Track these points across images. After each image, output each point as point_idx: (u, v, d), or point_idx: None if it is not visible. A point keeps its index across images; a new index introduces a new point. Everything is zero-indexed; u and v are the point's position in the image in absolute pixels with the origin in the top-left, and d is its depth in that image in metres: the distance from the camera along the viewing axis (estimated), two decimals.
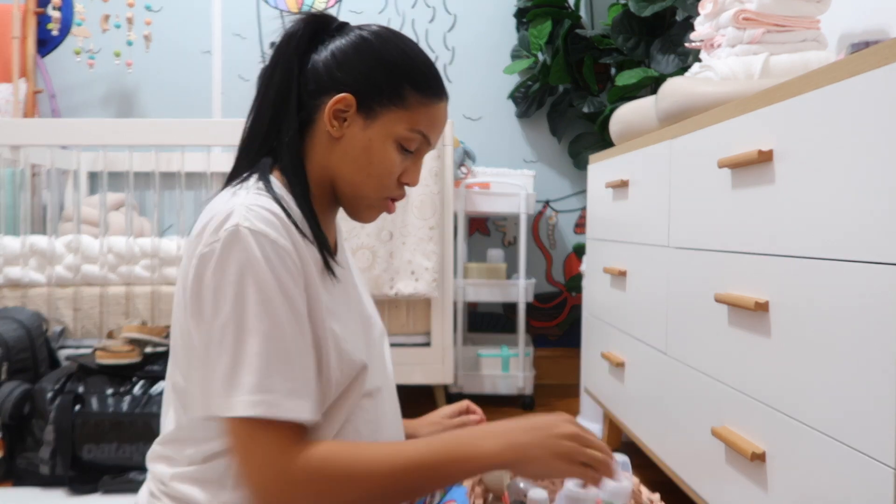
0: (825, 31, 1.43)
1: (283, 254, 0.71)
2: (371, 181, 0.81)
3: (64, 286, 2.02)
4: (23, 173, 2.30)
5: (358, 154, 0.80)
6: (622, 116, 1.80)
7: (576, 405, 2.43)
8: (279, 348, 0.69)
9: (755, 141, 1.03)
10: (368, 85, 0.80)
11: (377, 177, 0.81)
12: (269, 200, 0.75)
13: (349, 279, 0.89)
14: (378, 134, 0.80)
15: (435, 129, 0.84)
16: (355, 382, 0.80)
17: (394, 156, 0.81)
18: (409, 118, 0.80)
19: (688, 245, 1.29)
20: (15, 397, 1.61)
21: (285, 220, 0.74)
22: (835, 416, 0.84)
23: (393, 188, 0.83)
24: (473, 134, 2.82)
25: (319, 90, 0.80)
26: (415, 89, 0.80)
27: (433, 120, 0.83)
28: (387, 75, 0.80)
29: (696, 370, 1.25)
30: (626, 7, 2.40)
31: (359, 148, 0.80)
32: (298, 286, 0.72)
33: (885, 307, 0.75)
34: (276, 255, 0.71)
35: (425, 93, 0.81)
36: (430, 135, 0.83)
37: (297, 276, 0.73)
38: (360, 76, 0.80)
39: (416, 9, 2.84)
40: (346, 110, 0.80)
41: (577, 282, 2.82)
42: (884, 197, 0.75)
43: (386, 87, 0.80)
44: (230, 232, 0.70)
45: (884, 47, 0.76)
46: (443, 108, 0.85)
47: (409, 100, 0.80)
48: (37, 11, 2.74)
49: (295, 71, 0.80)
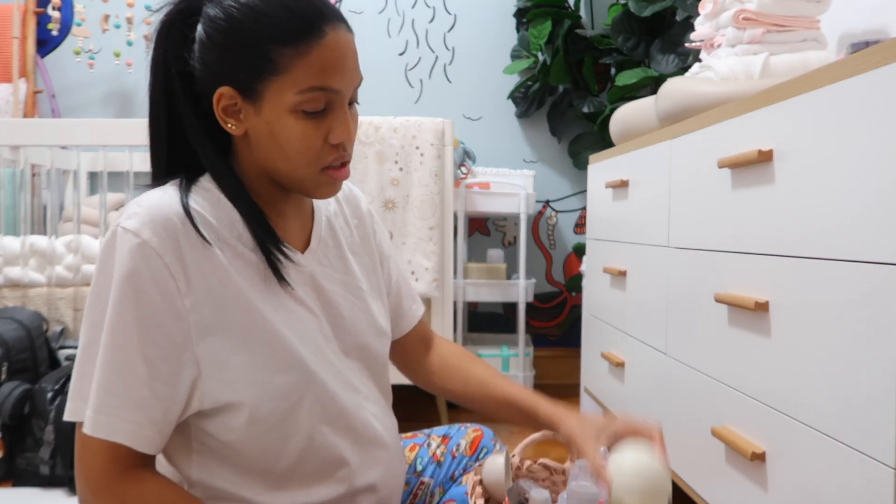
0: (825, 31, 1.43)
1: (150, 256, 0.67)
2: (296, 162, 0.73)
3: (64, 286, 2.02)
4: (23, 173, 2.30)
5: (268, 142, 0.72)
6: (622, 116, 1.80)
7: (576, 405, 2.43)
8: (121, 362, 0.67)
9: (755, 141, 1.03)
10: (236, 68, 0.70)
11: (298, 156, 0.72)
12: (169, 195, 0.71)
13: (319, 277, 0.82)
14: (271, 113, 0.70)
15: (330, 74, 0.69)
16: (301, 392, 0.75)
17: (299, 127, 0.71)
18: (293, 80, 0.69)
19: (688, 245, 1.29)
20: (15, 397, 1.61)
21: (172, 219, 0.69)
22: (835, 416, 0.84)
23: (325, 156, 0.73)
24: (473, 134, 2.82)
25: (207, 92, 0.73)
26: (281, 45, 0.68)
27: (322, 65, 0.69)
28: (246, 47, 0.69)
29: (696, 370, 1.25)
30: (626, 7, 2.40)
31: (265, 136, 0.72)
32: (164, 292, 0.68)
33: (884, 307, 0.75)
34: (141, 258, 0.67)
35: (294, 42, 0.68)
36: (328, 83, 0.70)
37: (167, 281, 0.68)
38: (225, 62, 0.70)
39: (416, 9, 2.83)
40: (234, 103, 0.72)
41: (577, 282, 2.82)
42: (884, 197, 0.75)
43: (253, 61, 0.69)
44: (111, 233, 0.69)
45: (884, 47, 0.76)
46: (329, 42, 0.69)
47: (281, 61, 0.68)
48: (37, 11, 2.74)
49: (175, 79, 0.74)
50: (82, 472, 0.69)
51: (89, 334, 0.69)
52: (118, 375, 0.67)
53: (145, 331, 0.67)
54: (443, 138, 2.08)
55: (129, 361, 0.67)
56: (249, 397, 0.72)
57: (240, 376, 0.71)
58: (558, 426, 0.86)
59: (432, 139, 2.05)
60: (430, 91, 2.85)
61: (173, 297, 0.68)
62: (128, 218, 0.69)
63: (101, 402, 0.67)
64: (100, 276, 0.69)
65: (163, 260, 0.68)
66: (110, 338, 0.67)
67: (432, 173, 2.05)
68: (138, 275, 0.67)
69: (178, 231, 0.69)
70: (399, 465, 0.88)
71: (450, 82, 2.84)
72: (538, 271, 2.86)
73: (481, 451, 1.03)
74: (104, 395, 0.67)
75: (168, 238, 0.68)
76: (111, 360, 0.67)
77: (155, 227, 0.68)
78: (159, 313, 0.68)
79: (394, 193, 2.03)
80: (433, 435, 1.05)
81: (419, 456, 1.02)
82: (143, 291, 0.67)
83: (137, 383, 0.67)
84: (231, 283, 0.71)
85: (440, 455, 1.01)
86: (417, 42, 2.84)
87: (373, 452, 0.83)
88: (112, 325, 0.67)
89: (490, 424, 1.15)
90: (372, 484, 0.82)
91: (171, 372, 0.69)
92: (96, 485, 0.69)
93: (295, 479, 0.77)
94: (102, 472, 0.68)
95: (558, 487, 1.00)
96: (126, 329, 0.67)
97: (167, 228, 0.68)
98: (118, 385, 0.67)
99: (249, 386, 0.72)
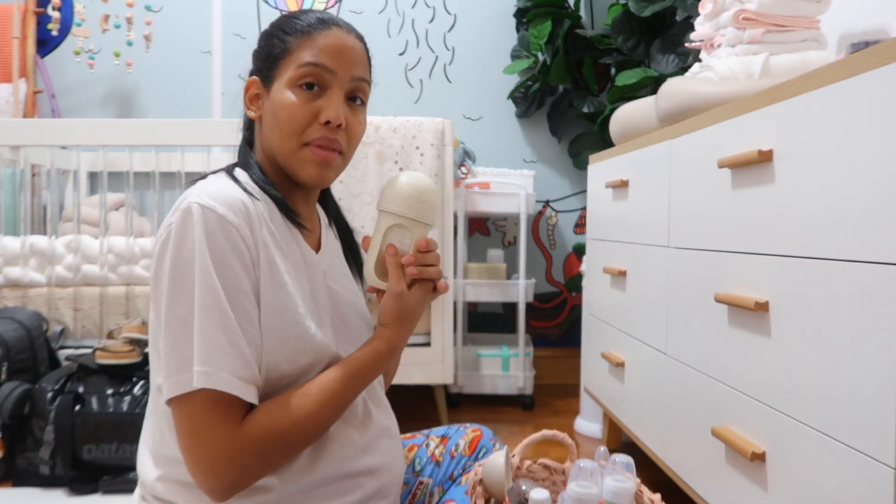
0: (825, 31, 1.43)
1: (230, 229, 0.72)
2: (283, 133, 0.80)
3: (64, 286, 2.02)
4: (23, 173, 2.30)
5: (270, 119, 0.82)
6: (622, 116, 1.80)
7: (576, 405, 2.42)
8: (224, 324, 0.70)
9: (755, 141, 1.03)
10: (261, 60, 0.84)
11: (285, 125, 0.80)
12: (228, 183, 0.78)
13: (329, 281, 0.88)
14: (277, 91, 0.81)
15: (326, 54, 0.80)
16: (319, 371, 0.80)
17: (292, 98, 0.79)
18: (295, 59, 0.80)
19: (688, 245, 1.29)
20: (15, 397, 1.61)
21: (240, 201, 0.75)
22: (835, 416, 0.84)
23: (312, 131, 0.80)
24: (473, 134, 2.82)
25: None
26: (293, 34, 0.81)
27: (320, 46, 0.80)
28: (269, 41, 0.84)
29: (696, 370, 1.25)
30: (626, 7, 2.40)
31: (270, 113, 0.82)
32: (244, 263, 0.73)
33: (885, 307, 0.75)
34: (223, 231, 0.72)
35: (301, 30, 0.81)
36: (322, 61, 0.80)
37: (244, 253, 0.73)
38: (256, 58, 0.86)
39: (416, 9, 2.83)
40: (257, 92, 0.84)
41: (577, 282, 2.82)
42: (884, 197, 0.75)
43: (270, 51, 0.82)
44: (184, 210, 0.72)
45: (884, 47, 0.76)
46: (331, 33, 0.81)
47: (291, 45, 0.81)
48: (37, 11, 2.74)
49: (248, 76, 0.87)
50: (206, 443, 0.69)
51: (187, 307, 0.70)
52: (223, 335, 0.70)
53: (234, 299, 0.71)
54: (443, 138, 2.08)
55: (227, 323, 0.71)
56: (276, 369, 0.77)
57: (269, 349, 0.76)
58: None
59: (432, 139, 2.05)
60: (430, 91, 2.85)
61: (249, 266, 0.74)
62: (198, 196, 0.73)
63: (210, 357, 0.69)
64: (181, 252, 0.71)
65: (239, 233, 0.73)
66: (206, 303, 0.70)
67: (432, 173, 2.05)
68: (220, 246, 0.71)
69: (250, 211, 0.76)
70: (400, 458, 0.90)
71: (450, 82, 2.84)
72: (538, 271, 2.86)
73: (480, 451, 1.03)
74: (213, 350, 0.69)
75: (241, 214, 0.74)
76: (212, 323, 0.70)
77: (229, 205, 0.74)
78: (241, 281, 0.73)
79: None
80: (432, 435, 1.05)
81: (418, 456, 1.02)
82: (226, 262, 0.72)
83: (240, 342, 0.71)
84: (276, 267, 0.78)
85: (439, 455, 1.01)
86: (417, 42, 2.84)
87: (377, 439, 0.86)
88: (205, 293, 0.70)
89: (490, 424, 1.15)
90: (374, 467, 0.84)
91: (255, 335, 0.74)
92: (221, 444, 0.69)
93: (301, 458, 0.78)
94: (226, 434, 0.69)
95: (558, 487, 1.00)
96: (218, 296, 0.70)
97: (239, 207, 0.74)
98: (223, 343, 0.70)
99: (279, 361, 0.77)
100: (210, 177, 0.81)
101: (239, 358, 0.70)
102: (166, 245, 0.72)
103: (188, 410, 0.70)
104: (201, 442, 0.69)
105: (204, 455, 0.69)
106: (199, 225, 0.71)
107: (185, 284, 0.70)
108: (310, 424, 0.75)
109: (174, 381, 0.70)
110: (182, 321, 0.70)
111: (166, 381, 0.70)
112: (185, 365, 0.69)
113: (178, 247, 0.71)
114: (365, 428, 0.84)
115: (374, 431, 0.86)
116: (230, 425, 0.70)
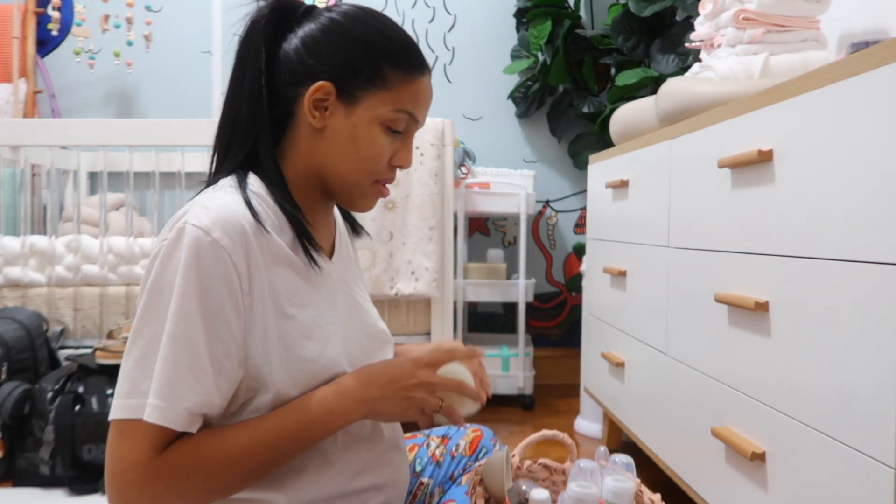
0: (825, 31, 1.43)
1: (223, 254, 0.67)
2: (361, 168, 0.78)
3: (64, 286, 2.02)
4: (23, 173, 2.30)
5: (344, 142, 0.77)
6: (622, 116, 1.80)
7: (576, 405, 2.42)
8: (190, 355, 0.66)
9: (755, 141, 1.03)
10: (345, 69, 0.76)
11: (367, 162, 0.78)
12: (235, 199, 0.72)
13: (343, 286, 0.86)
14: (362, 119, 0.77)
15: (420, 106, 0.80)
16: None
17: (381, 139, 0.78)
18: (393, 98, 0.77)
19: (688, 245, 1.29)
20: (15, 397, 1.61)
21: (239, 223, 0.70)
22: (835, 416, 0.84)
23: (384, 172, 0.80)
24: (473, 134, 2.82)
25: (295, 81, 0.77)
26: (394, 67, 0.77)
27: (417, 96, 0.79)
28: (362, 56, 0.76)
29: (696, 370, 1.25)
30: (626, 7, 2.40)
31: (344, 136, 0.77)
32: (231, 291, 0.68)
33: (885, 307, 0.75)
34: (214, 256, 0.67)
35: (406, 69, 0.77)
36: (416, 112, 0.79)
37: (234, 281, 0.68)
38: (334, 61, 0.76)
39: (416, 9, 2.84)
40: (325, 99, 0.76)
41: (577, 282, 2.82)
42: (884, 197, 0.75)
43: (363, 69, 0.76)
44: (178, 230, 0.68)
45: (884, 47, 0.76)
46: (426, 82, 0.80)
47: (390, 79, 0.77)
48: (37, 11, 2.74)
49: (262, 62, 0.77)
50: (122, 461, 0.66)
51: (152, 329, 0.67)
52: (188, 370, 0.66)
53: (212, 328, 0.67)
54: (443, 138, 2.08)
55: (196, 356, 0.67)
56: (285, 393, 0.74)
57: (275, 380, 0.72)
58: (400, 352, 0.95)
59: (432, 139, 2.05)
60: None
61: (237, 296, 0.69)
62: (196, 216, 0.69)
63: (168, 392, 0.65)
64: (163, 273, 0.68)
65: (231, 259, 0.68)
66: (177, 332, 0.66)
67: (432, 173, 2.05)
68: (207, 272, 0.67)
69: (247, 235, 0.70)
70: (406, 469, 0.89)
71: (450, 82, 2.84)
72: (538, 271, 2.86)
73: (480, 451, 1.03)
74: (173, 385, 0.66)
75: (238, 239, 0.69)
76: (178, 354, 0.66)
77: (226, 228, 0.69)
78: (225, 310, 0.68)
79: (394, 193, 2.03)
80: (432, 435, 1.05)
81: (418, 456, 1.02)
82: (212, 289, 0.67)
83: (205, 378, 0.67)
84: (280, 290, 0.73)
85: (439, 455, 1.01)
86: (417, 42, 2.84)
87: (385, 453, 0.84)
88: (179, 321, 0.66)
89: (490, 424, 1.16)
90: (380, 483, 0.82)
91: (232, 368, 0.69)
92: (136, 466, 0.66)
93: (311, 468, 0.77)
94: (143, 456, 0.66)
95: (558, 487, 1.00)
96: (193, 325, 0.66)
97: (237, 230, 0.69)
98: (187, 377, 0.66)
99: (286, 386, 0.73)
100: (220, 182, 0.76)
101: (200, 394, 0.67)
102: (153, 262, 0.69)
103: (124, 430, 0.66)
104: (119, 460, 0.66)
105: (117, 473, 0.66)
106: (190, 248, 0.67)
107: (159, 308, 0.67)
108: (241, 465, 0.69)
109: (122, 402, 0.67)
110: (145, 345, 0.67)
111: (115, 401, 0.67)
112: (136, 390, 0.66)
113: (162, 267, 0.68)
114: (372, 442, 0.82)
115: (382, 445, 0.84)
116: (152, 451, 0.66)
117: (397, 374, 0.75)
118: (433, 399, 0.76)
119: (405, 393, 0.75)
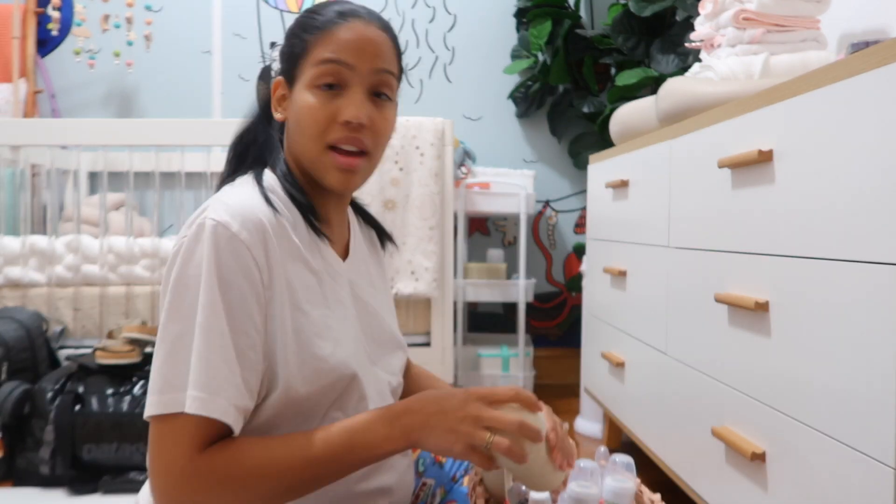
0: (825, 31, 1.43)
1: (242, 248, 0.69)
2: (307, 135, 0.77)
3: (64, 286, 2.02)
4: (23, 173, 2.30)
5: (293, 125, 0.80)
6: (622, 116, 1.80)
7: (576, 405, 2.42)
8: (219, 347, 0.67)
9: (755, 141, 1.03)
10: (286, 60, 0.81)
11: (308, 128, 0.77)
12: (254, 194, 0.74)
13: (355, 289, 0.86)
14: (299, 93, 0.78)
15: (344, 48, 0.76)
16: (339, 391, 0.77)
17: (312, 99, 0.77)
18: (314, 57, 0.77)
19: (688, 245, 1.29)
20: (15, 397, 1.61)
21: (258, 217, 0.71)
22: (835, 416, 0.84)
23: (332, 132, 0.77)
24: (473, 134, 2.82)
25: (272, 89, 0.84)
26: (311, 32, 0.78)
27: (336, 41, 0.76)
28: (290, 41, 0.81)
29: (696, 370, 1.25)
30: (626, 7, 2.40)
31: (292, 119, 0.80)
32: (252, 284, 0.69)
33: (885, 307, 0.75)
34: (233, 250, 0.68)
35: (319, 26, 0.78)
36: (341, 56, 0.76)
37: (254, 273, 0.70)
38: (281, 59, 0.82)
39: (416, 9, 2.84)
40: (283, 94, 0.81)
41: (577, 282, 2.82)
42: (884, 197, 0.75)
43: (294, 51, 0.80)
44: (198, 225, 0.70)
45: (884, 47, 0.76)
46: (348, 26, 0.77)
47: (308, 43, 0.78)
48: (37, 11, 2.74)
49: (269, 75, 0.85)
50: (164, 458, 0.66)
51: (180, 325, 0.68)
52: (223, 361, 0.67)
53: (236, 321, 0.68)
54: (443, 138, 2.08)
55: (226, 348, 0.67)
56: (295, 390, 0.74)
57: (287, 376, 0.73)
58: None
59: (432, 139, 2.05)
60: (430, 91, 2.85)
61: (259, 288, 0.70)
62: (215, 211, 0.70)
63: (207, 383, 0.66)
64: (186, 268, 0.69)
65: (251, 252, 0.70)
66: (208, 325, 0.67)
67: (432, 173, 2.05)
68: (228, 266, 0.68)
69: (265, 229, 0.72)
70: (411, 472, 0.90)
71: (450, 82, 2.84)
72: (538, 271, 2.86)
73: None
74: (211, 376, 0.66)
75: (256, 233, 0.71)
76: (211, 346, 0.67)
77: (244, 222, 0.70)
78: (248, 303, 0.69)
79: (394, 193, 2.03)
80: None
81: (421, 457, 1.02)
82: (234, 282, 0.68)
83: (236, 370, 0.68)
84: (295, 286, 0.74)
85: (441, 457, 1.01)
86: (417, 42, 2.84)
87: (392, 457, 0.83)
88: (208, 314, 0.67)
89: None
90: (387, 486, 0.82)
91: (257, 360, 0.70)
92: (178, 464, 0.66)
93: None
94: (187, 454, 0.66)
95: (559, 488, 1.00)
96: (219, 319, 0.67)
97: (256, 225, 0.71)
98: (223, 369, 0.67)
99: (296, 383, 0.73)
100: (238, 180, 0.79)
101: (235, 385, 0.67)
102: (175, 258, 0.70)
103: (163, 428, 0.67)
104: (160, 456, 0.66)
105: (158, 471, 0.66)
106: (210, 242, 0.68)
107: (185, 302, 0.68)
108: (282, 478, 0.68)
109: (157, 399, 0.67)
110: (174, 339, 0.68)
111: (149, 398, 0.67)
112: (171, 385, 0.66)
113: (184, 262, 0.69)
114: None
115: None
116: (193, 448, 0.66)
117: (446, 404, 0.71)
118: (479, 433, 0.69)
119: (450, 425, 0.69)
